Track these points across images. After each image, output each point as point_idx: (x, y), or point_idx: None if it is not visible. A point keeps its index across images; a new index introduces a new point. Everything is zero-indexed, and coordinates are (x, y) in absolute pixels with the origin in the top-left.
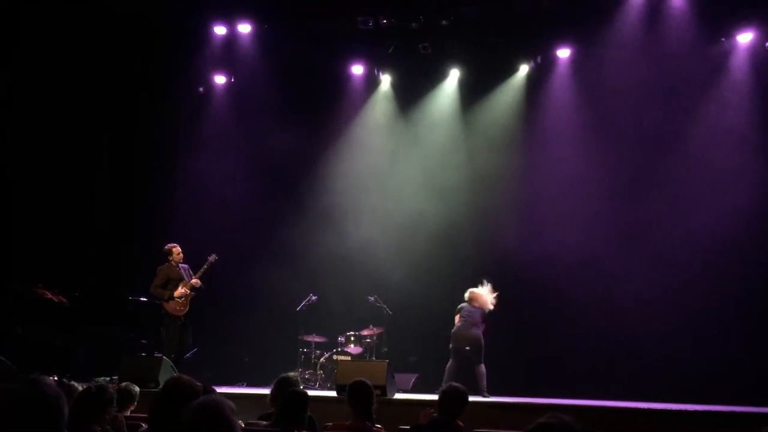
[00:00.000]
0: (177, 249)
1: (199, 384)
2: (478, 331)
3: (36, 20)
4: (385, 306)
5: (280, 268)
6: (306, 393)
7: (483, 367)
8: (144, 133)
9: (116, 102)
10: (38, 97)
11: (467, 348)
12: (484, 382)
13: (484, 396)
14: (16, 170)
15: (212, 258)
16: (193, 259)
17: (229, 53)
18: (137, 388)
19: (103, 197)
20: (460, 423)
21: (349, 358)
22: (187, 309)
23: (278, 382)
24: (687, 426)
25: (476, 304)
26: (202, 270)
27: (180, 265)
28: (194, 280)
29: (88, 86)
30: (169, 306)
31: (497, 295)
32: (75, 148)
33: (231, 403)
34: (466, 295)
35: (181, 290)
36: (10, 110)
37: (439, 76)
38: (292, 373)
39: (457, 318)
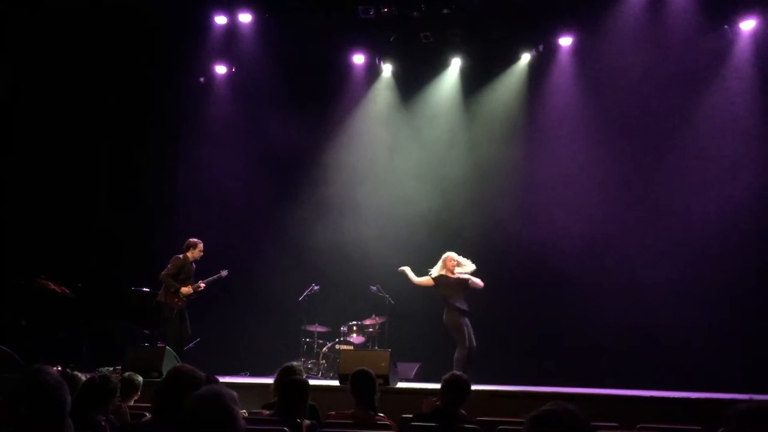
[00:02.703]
0: (201, 246)
1: (201, 374)
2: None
3: (35, 11)
4: (387, 296)
5: (282, 258)
6: (306, 381)
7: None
8: (145, 124)
9: (117, 92)
10: (39, 90)
11: None
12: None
13: None
14: (18, 163)
15: (224, 273)
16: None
17: (229, 43)
18: (140, 378)
19: (105, 189)
20: (463, 411)
21: (351, 347)
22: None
23: (281, 371)
24: (690, 413)
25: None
26: (209, 280)
27: (193, 262)
28: (201, 284)
29: (87, 78)
30: (170, 297)
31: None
32: (76, 139)
33: (233, 393)
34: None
35: (187, 289)
36: (11, 104)
37: (440, 65)
38: (295, 363)
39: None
